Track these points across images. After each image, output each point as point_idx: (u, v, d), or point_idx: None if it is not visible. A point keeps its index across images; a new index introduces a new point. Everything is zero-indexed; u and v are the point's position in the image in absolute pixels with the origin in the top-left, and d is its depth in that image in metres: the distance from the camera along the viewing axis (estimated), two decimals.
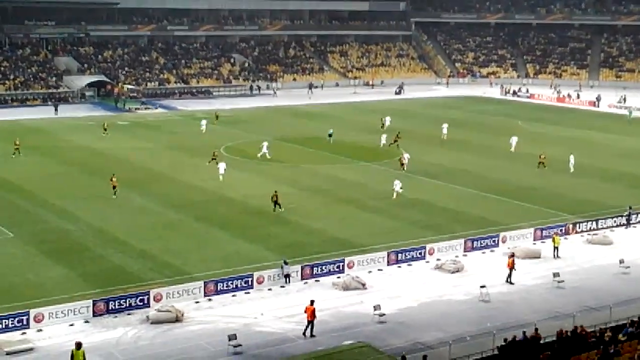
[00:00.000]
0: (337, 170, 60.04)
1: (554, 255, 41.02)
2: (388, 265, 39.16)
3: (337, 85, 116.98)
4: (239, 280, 35.71)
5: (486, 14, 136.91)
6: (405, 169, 58.54)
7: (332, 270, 37.74)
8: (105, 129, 73.39)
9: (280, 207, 47.32)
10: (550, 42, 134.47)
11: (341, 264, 38.11)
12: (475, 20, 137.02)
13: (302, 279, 37.03)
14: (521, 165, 62.47)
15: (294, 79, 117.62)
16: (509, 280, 37.28)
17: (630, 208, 47.01)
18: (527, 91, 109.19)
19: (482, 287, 35.45)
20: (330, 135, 70.52)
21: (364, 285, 36.36)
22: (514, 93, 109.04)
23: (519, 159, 64.53)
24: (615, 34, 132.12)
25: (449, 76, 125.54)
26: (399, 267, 39.27)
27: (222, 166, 55.31)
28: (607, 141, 74.05)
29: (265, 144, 63.64)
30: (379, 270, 38.70)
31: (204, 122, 75.79)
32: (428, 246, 40.73)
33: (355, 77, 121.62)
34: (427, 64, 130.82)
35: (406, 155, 59.93)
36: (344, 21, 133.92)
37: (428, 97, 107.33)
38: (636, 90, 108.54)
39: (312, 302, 31.64)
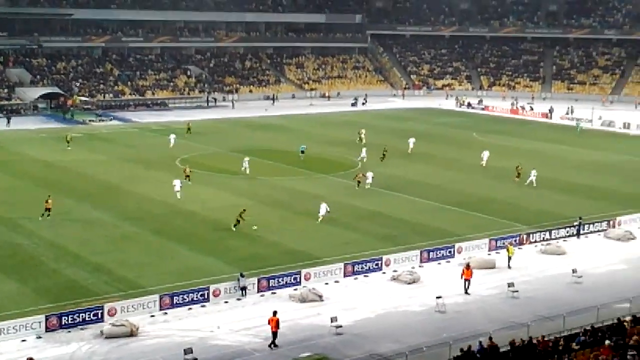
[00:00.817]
0: (295, 183, 60.02)
1: (508, 265, 41.46)
2: (345, 276, 39.22)
3: (293, 97, 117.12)
4: (195, 294, 35.44)
5: (441, 26, 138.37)
6: (359, 187, 57.20)
7: (288, 282, 37.68)
8: (68, 142, 72.03)
9: (236, 225, 46.45)
10: (503, 55, 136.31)
11: (298, 276, 38.06)
12: (430, 33, 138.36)
13: (259, 291, 36.88)
14: (478, 176, 63.11)
15: (250, 91, 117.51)
16: (467, 290, 37.54)
17: (580, 219, 47.71)
18: (482, 103, 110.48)
19: (438, 297, 35.66)
20: (302, 152, 69.01)
21: (320, 297, 36.34)
22: (469, 105, 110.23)
23: (476, 171, 65.15)
24: (567, 47, 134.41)
25: (405, 88, 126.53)
26: (356, 278, 39.34)
27: (177, 183, 53.91)
28: (559, 152, 75.21)
29: (246, 159, 62.43)
30: (335, 282, 38.74)
31: (172, 136, 73.73)
32: (384, 257, 40.88)
33: (312, 89, 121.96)
34: (383, 76, 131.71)
35: (369, 174, 58.27)
36: (300, 33, 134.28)
37: (384, 109, 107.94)
38: (587, 102, 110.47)
39: (274, 312, 31.66)
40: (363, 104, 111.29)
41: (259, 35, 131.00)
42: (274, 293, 36.98)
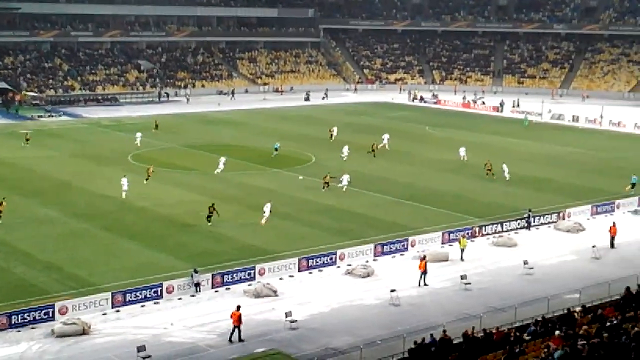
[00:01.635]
0: (248, 178, 59.78)
1: (461, 257, 41.85)
2: (299, 271, 39.22)
3: (246, 91, 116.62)
4: (148, 290, 35.10)
5: (393, 21, 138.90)
6: (325, 189, 55.39)
7: (243, 277, 37.54)
8: (27, 140, 70.40)
9: (209, 221, 46.30)
10: (455, 49, 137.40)
11: (252, 271, 37.95)
12: (382, 27, 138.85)
13: (213, 287, 36.70)
14: (431, 170, 63.56)
15: (203, 86, 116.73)
16: (423, 282, 37.81)
17: (529, 211, 48.34)
18: (434, 97, 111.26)
19: (392, 291, 35.85)
20: (276, 149, 67.83)
21: (275, 292, 36.29)
22: (422, 99, 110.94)
23: (429, 164, 65.60)
24: (517, 41, 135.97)
25: (358, 82, 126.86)
26: (310, 273, 39.36)
27: (124, 181, 52.64)
28: (509, 145, 76.07)
29: (222, 159, 61.06)
30: (290, 276, 38.71)
31: (138, 134, 71.71)
32: (339, 252, 40.96)
33: (265, 84, 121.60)
34: (335, 71, 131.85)
35: (345, 177, 56.12)
36: (252, 27, 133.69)
37: (338, 104, 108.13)
38: (537, 95, 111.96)
39: (238, 307, 31.63)
40: (323, 98, 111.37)
41: (211, 30, 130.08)
42: (228, 289, 36.82)
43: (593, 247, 42.92)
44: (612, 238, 44.47)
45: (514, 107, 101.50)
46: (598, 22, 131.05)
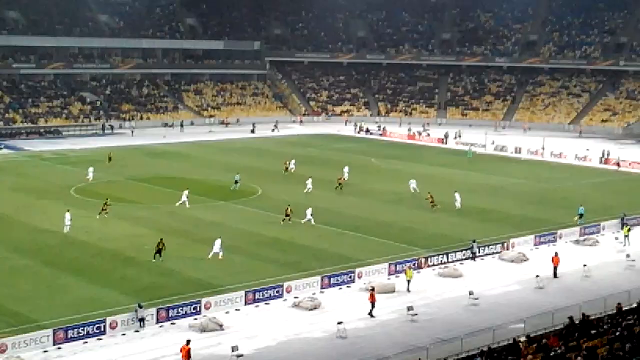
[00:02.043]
0: (195, 210, 59.25)
1: (407, 289, 41.97)
2: (246, 304, 38.88)
3: (192, 124, 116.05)
4: (91, 327, 34.40)
5: (338, 53, 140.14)
6: (284, 222, 55.01)
7: (188, 312, 37.06)
8: None
9: (160, 256, 45.51)
10: (400, 82, 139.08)
11: (198, 305, 37.49)
12: (328, 60, 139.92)
13: (158, 322, 36.13)
14: (376, 201, 63.81)
15: (148, 118, 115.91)
16: (371, 314, 37.75)
17: (474, 241, 48.81)
18: (380, 129, 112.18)
19: (339, 323, 35.73)
20: (236, 182, 67.24)
21: (221, 326, 35.89)
22: (367, 131, 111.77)
23: (373, 196, 65.88)
24: (460, 74, 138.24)
25: (304, 114, 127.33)
26: (257, 306, 39.06)
27: (67, 216, 51.59)
28: (454, 176, 76.86)
29: (185, 192, 60.18)
30: (236, 310, 38.34)
31: (90, 169, 70.12)
32: (285, 284, 40.75)
33: (211, 116, 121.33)
34: (282, 103, 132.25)
35: (308, 210, 55.35)
36: (198, 59, 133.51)
37: (284, 135, 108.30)
38: (481, 127, 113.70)
39: (188, 341, 31.28)
40: (273, 130, 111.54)
41: (156, 62, 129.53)
42: (174, 323, 36.30)
43: (537, 276, 43.44)
44: (555, 268, 45.09)
45: (455, 138, 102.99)
46: (538, 55, 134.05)
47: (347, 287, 42.32)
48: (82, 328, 34.15)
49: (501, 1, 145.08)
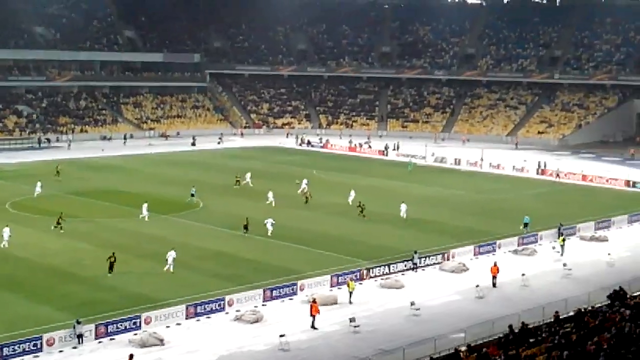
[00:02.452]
0: (136, 224, 58.51)
1: (350, 300, 42.05)
2: (187, 318, 38.47)
3: (131, 136, 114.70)
4: (27, 344, 33.58)
5: (279, 66, 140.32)
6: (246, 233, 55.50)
7: (128, 327, 36.49)
8: None
9: (111, 271, 45.03)
10: (341, 94, 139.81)
11: (137, 320, 36.95)
12: (269, 72, 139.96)
13: (97, 338, 35.48)
14: (320, 214, 63.83)
15: (86, 131, 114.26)
16: (313, 325, 37.70)
17: (415, 252, 49.17)
18: (321, 141, 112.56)
19: (281, 336, 35.60)
20: (192, 195, 67.03)
21: (161, 341, 35.42)
22: (309, 143, 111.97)
23: (316, 208, 65.94)
24: (400, 87, 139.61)
25: (245, 127, 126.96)
26: (198, 320, 38.67)
27: (6, 231, 50.47)
28: (395, 188, 77.36)
29: (145, 205, 59.73)
30: (177, 324, 37.91)
31: (38, 184, 68.06)
32: (227, 297, 40.46)
33: (151, 129, 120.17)
34: (223, 115, 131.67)
35: (269, 220, 55.65)
36: (137, 72, 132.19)
37: (225, 148, 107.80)
38: (421, 139, 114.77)
39: (131, 356, 31.13)
40: (219, 142, 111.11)
41: (94, 74, 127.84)
42: (113, 339, 35.70)
43: (476, 286, 43.95)
44: (494, 277, 45.69)
45: (393, 150, 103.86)
46: (476, 68, 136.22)
47: (290, 299, 42.22)
48: (18, 345, 33.34)
49: (439, 15, 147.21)
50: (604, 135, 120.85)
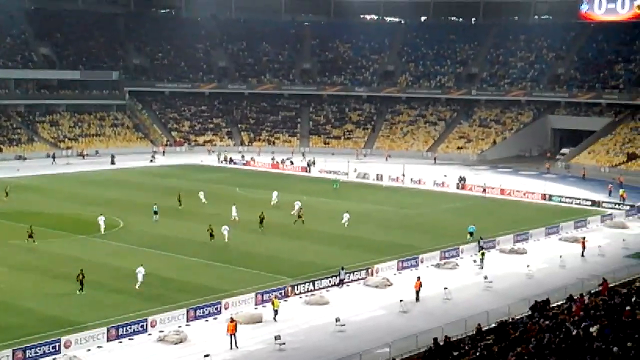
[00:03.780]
0: (52, 246, 57.04)
1: (274, 318, 41.82)
2: (108, 341, 37.60)
3: (48, 156, 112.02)
4: None
5: (200, 83, 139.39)
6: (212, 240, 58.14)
7: (47, 351, 35.43)
8: None
9: (82, 289, 44.95)
10: (262, 111, 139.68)
11: (57, 344, 35.93)
12: (189, 90, 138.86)
13: None
14: (242, 231, 63.35)
15: (0, 150, 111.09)
16: (235, 345, 37.28)
17: (342, 269, 49.27)
18: (243, 158, 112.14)
19: (206, 356, 35.14)
20: (155, 212, 66.75)
21: None
22: (231, 160, 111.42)
23: (238, 226, 65.44)
24: (321, 103, 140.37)
25: (166, 145, 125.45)
26: (120, 342, 37.85)
27: None
28: (318, 204, 77.47)
29: (101, 218, 61.23)
30: (98, 347, 37.03)
31: None
32: (150, 318, 39.74)
33: (68, 147, 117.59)
34: (143, 133, 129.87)
35: (225, 227, 59.01)
36: (53, 90, 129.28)
37: (145, 167, 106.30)
38: (343, 155, 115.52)
39: None
40: (151, 160, 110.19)
41: (8, 92, 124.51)
42: None
43: (400, 301, 44.26)
44: (417, 292, 46.12)
45: (308, 165, 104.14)
46: (396, 85, 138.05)
47: (214, 319, 41.72)
48: None
49: (358, 32, 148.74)
50: (521, 150, 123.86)
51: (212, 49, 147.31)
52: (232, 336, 37.52)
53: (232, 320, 38.21)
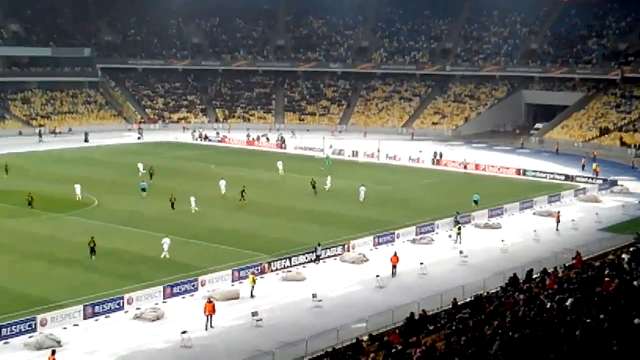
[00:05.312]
0: (23, 224, 56.57)
1: (251, 294, 41.85)
2: (84, 319, 37.47)
3: (20, 133, 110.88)
4: None
5: (173, 60, 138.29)
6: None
7: (23, 330, 35.26)
8: None
9: (93, 254, 46.77)
10: (237, 88, 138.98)
11: (33, 322, 35.74)
12: (162, 67, 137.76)
13: None
14: (217, 208, 63.21)
15: None
16: (210, 325, 37.24)
17: (318, 245, 49.32)
18: (218, 135, 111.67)
19: (183, 332, 35.12)
20: (143, 190, 67.12)
21: (59, 342, 34.36)
22: (205, 137, 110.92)
23: (214, 203, 65.31)
24: (296, 80, 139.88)
25: (140, 122, 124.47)
26: (97, 320, 37.73)
27: None
28: (293, 181, 77.35)
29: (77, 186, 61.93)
30: (74, 325, 36.87)
31: None
32: (126, 296, 39.61)
33: (41, 125, 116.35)
34: (116, 111, 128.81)
35: (192, 198, 61.53)
36: (24, 67, 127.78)
37: (120, 144, 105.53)
38: (318, 131, 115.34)
39: (53, 352, 30.61)
40: (139, 138, 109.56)
41: None
42: (7, 343, 34.44)
43: (377, 276, 44.45)
44: (394, 267, 46.34)
45: (277, 141, 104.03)
46: (370, 61, 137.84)
47: (191, 295, 41.67)
48: None
49: (332, 8, 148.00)
50: (495, 125, 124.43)
51: (185, 25, 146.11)
52: (210, 317, 37.38)
53: (209, 300, 38.11)
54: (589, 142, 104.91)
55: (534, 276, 39.61)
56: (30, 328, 35.51)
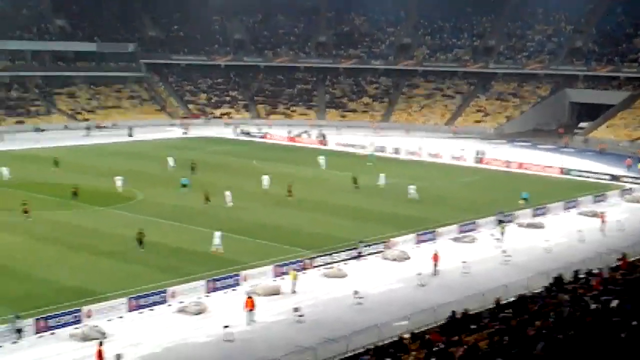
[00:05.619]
0: (70, 217, 57.43)
1: (293, 290, 42.01)
2: (129, 311, 37.97)
3: (66, 127, 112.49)
4: None
5: (215, 55, 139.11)
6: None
7: (69, 321, 35.84)
8: None
9: (141, 246, 48.21)
10: (278, 84, 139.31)
11: (78, 313, 36.32)
12: (205, 62, 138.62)
13: (37, 332, 34.76)
14: (259, 203, 63.53)
15: (22, 122, 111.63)
16: (252, 320, 37.47)
17: (360, 242, 49.35)
18: (260, 131, 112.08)
19: (225, 327, 35.40)
20: (184, 185, 67.87)
21: (104, 334, 34.87)
22: (248, 133, 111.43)
23: (257, 198, 65.62)
24: (337, 76, 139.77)
25: (183, 117, 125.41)
26: (141, 312, 38.20)
27: None
28: (335, 178, 77.36)
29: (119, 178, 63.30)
30: (119, 317, 37.38)
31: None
32: (170, 289, 40.05)
33: (86, 119, 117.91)
34: (159, 106, 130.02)
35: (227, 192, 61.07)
36: (70, 62, 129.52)
37: (163, 139, 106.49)
38: (360, 128, 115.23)
39: (100, 343, 31.13)
40: (184, 133, 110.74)
41: (25, 64, 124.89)
42: (53, 333, 35.03)
43: (418, 274, 44.34)
44: (435, 265, 46.18)
45: (317, 137, 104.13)
46: (412, 58, 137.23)
47: (233, 290, 41.97)
48: None
49: (374, 5, 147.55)
50: (538, 124, 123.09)
51: (228, 21, 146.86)
52: (250, 312, 37.58)
53: (249, 296, 38.30)
54: (634, 142, 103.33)
55: (580, 276, 39.12)
56: (75, 319, 36.07)
